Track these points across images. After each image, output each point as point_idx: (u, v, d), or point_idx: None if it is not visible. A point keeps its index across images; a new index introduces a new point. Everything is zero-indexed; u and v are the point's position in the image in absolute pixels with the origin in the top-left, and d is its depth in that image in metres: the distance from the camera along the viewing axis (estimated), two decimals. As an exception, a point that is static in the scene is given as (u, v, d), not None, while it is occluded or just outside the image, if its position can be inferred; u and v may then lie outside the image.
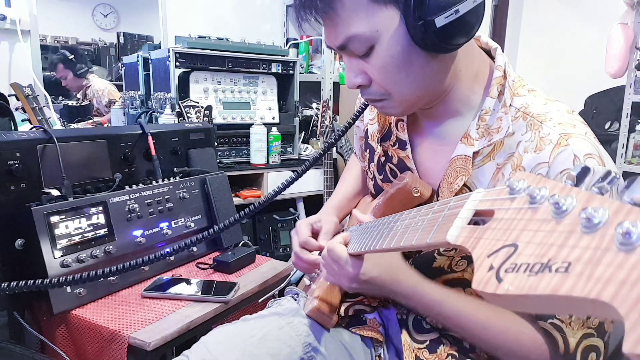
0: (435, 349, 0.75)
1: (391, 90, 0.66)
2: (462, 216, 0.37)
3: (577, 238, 0.25)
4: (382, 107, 0.70)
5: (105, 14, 4.44)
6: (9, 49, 2.07)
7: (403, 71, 0.63)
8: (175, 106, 1.84)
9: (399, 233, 0.50)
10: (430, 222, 0.43)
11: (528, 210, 0.30)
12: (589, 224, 0.25)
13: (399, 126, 0.80)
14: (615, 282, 0.21)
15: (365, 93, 0.69)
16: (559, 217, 0.27)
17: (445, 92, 0.69)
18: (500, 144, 0.66)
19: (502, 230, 0.30)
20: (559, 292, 0.23)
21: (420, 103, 0.70)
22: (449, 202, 0.42)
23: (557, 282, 0.24)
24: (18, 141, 1.01)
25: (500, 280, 0.27)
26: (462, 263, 0.71)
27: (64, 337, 1.00)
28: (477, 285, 0.28)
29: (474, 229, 0.34)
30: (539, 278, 0.25)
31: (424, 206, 0.49)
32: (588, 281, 0.22)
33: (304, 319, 0.79)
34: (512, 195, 0.32)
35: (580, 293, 0.22)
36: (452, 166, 0.70)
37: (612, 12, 2.61)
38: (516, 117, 0.66)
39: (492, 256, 0.29)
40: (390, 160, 0.81)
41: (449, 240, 0.36)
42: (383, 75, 0.64)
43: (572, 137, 0.61)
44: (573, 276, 0.23)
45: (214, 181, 1.34)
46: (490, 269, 0.28)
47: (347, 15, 0.61)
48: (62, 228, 0.98)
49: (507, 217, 0.31)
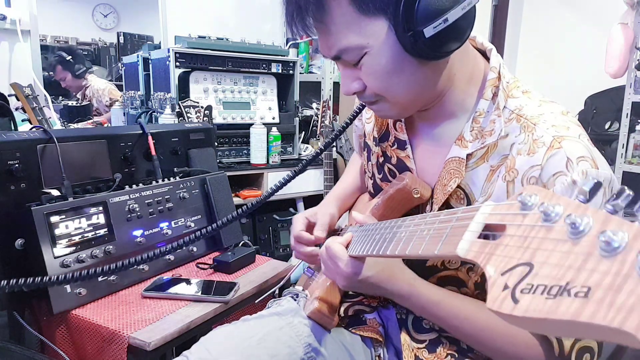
0: (435, 349, 0.75)
1: (385, 95, 0.67)
2: (472, 229, 0.36)
3: (595, 262, 0.24)
4: (378, 110, 0.72)
5: (105, 14, 4.45)
6: (9, 49, 2.07)
7: (395, 77, 0.64)
8: (175, 106, 1.84)
9: (403, 240, 0.49)
10: (437, 231, 0.43)
11: (542, 229, 0.29)
12: (609, 248, 0.24)
13: (397, 127, 0.80)
14: (638, 311, 0.21)
15: (361, 97, 0.71)
16: (576, 237, 0.26)
17: (439, 96, 0.70)
18: (493, 146, 0.66)
19: (515, 248, 0.30)
20: (579, 318, 0.23)
21: (415, 106, 0.70)
22: (456, 213, 0.42)
23: (577, 307, 0.23)
24: (18, 141, 1.01)
25: (516, 302, 0.27)
26: (455, 260, 0.71)
27: (64, 337, 1.00)
28: (492, 305, 0.28)
29: (485, 244, 0.33)
30: (558, 302, 0.24)
31: (429, 213, 0.49)
32: (609, 309, 0.22)
33: (304, 319, 0.79)
34: (524, 211, 0.32)
35: (602, 321, 0.22)
36: (446, 168, 0.70)
37: (612, 12, 2.61)
38: (510, 119, 0.66)
39: (507, 274, 0.29)
40: (389, 160, 0.81)
41: (459, 254, 0.35)
42: (375, 82, 0.66)
43: (565, 140, 0.60)
44: (593, 302, 0.23)
45: (214, 181, 1.34)
46: (505, 288, 0.28)
47: (338, 30, 0.62)
48: (62, 228, 0.98)
49: (519, 234, 0.31)
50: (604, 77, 2.55)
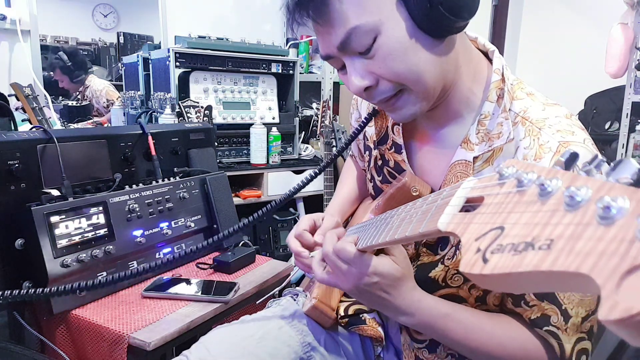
0: (435, 349, 0.75)
1: (404, 81, 0.62)
2: (453, 204, 0.37)
3: (560, 216, 0.25)
4: (401, 106, 0.66)
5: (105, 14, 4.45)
6: (9, 49, 2.07)
7: (412, 57, 0.60)
8: (175, 106, 1.84)
9: (394, 226, 0.50)
10: (423, 213, 0.43)
11: (516, 194, 0.30)
12: (572, 202, 0.25)
13: (395, 130, 0.79)
14: (594, 254, 0.22)
15: (376, 95, 0.65)
16: (545, 197, 0.27)
17: (448, 88, 0.68)
18: (499, 150, 0.66)
19: (490, 214, 0.31)
20: (540, 267, 0.24)
21: (435, 94, 0.66)
22: (442, 192, 0.42)
23: (540, 258, 0.24)
24: (18, 141, 1.01)
25: (486, 261, 0.28)
26: (457, 278, 0.70)
27: (64, 337, 1.00)
28: (464, 268, 0.29)
29: (464, 216, 0.34)
30: (522, 256, 0.25)
31: (420, 198, 0.49)
32: (568, 255, 0.23)
33: (303, 319, 0.79)
34: (502, 180, 0.33)
35: (561, 267, 0.23)
36: (453, 171, 0.69)
37: (612, 12, 2.61)
38: (515, 122, 0.66)
39: (480, 239, 0.30)
40: (387, 163, 0.81)
41: (439, 228, 0.36)
42: (391, 66, 0.61)
43: (571, 145, 0.61)
44: (555, 252, 0.24)
45: (214, 181, 1.34)
46: (478, 252, 0.29)
47: (346, 8, 0.59)
48: (62, 228, 0.98)
49: (496, 201, 0.32)
50: (604, 77, 2.55)
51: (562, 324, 0.61)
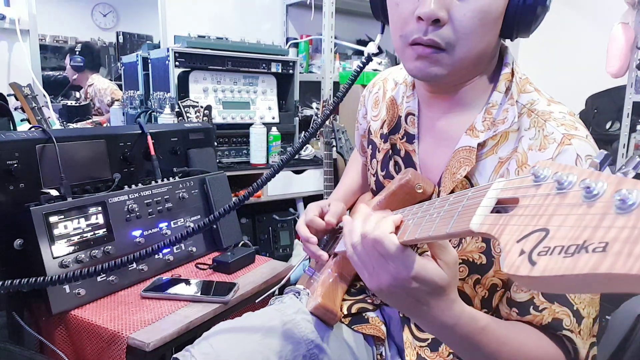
0: (437, 347, 0.75)
1: (461, 40, 0.62)
2: (485, 205, 0.36)
3: (612, 219, 0.25)
4: (435, 60, 0.64)
5: (104, 13, 4.44)
6: (8, 48, 2.07)
7: (485, 26, 0.62)
8: (174, 106, 1.84)
9: (411, 226, 0.48)
10: (447, 212, 0.42)
11: (556, 196, 0.30)
12: (624, 205, 0.25)
13: (409, 120, 0.79)
14: None
15: (431, 33, 0.62)
16: (591, 200, 0.27)
17: (472, 77, 0.70)
18: (504, 138, 0.67)
19: (529, 217, 0.31)
20: (598, 270, 0.24)
21: (467, 69, 0.67)
22: (466, 193, 0.42)
23: (596, 260, 0.24)
24: (17, 141, 1.00)
25: (533, 264, 0.27)
26: (462, 269, 0.70)
27: (63, 337, 0.99)
28: (508, 269, 0.28)
29: (499, 217, 0.34)
30: (576, 259, 0.25)
31: (437, 199, 0.48)
32: (628, 258, 0.23)
33: (307, 316, 0.78)
34: (537, 182, 0.32)
35: (622, 270, 0.23)
36: (456, 157, 0.70)
37: (613, 12, 2.61)
38: (521, 113, 0.68)
39: (522, 241, 0.29)
40: (398, 153, 0.81)
41: (472, 229, 0.35)
42: (470, 19, 0.61)
43: (574, 138, 0.63)
44: (612, 255, 0.24)
45: (213, 181, 1.33)
46: (522, 254, 0.28)
47: None
48: (61, 228, 0.98)
49: (533, 203, 0.31)
50: (604, 77, 2.55)
51: (575, 326, 0.61)
